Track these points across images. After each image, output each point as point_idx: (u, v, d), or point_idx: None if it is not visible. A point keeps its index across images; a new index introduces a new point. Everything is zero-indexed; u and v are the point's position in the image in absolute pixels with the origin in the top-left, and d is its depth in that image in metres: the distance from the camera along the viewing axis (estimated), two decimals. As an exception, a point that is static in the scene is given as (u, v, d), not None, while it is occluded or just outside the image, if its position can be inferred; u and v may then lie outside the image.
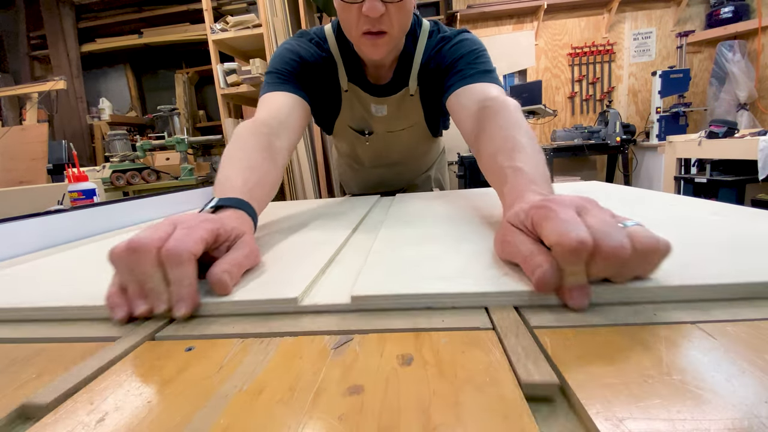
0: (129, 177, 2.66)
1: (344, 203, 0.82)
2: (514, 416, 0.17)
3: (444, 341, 0.25)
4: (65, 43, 4.13)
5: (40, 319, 0.33)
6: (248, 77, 2.52)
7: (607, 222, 0.26)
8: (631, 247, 0.24)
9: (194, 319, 0.31)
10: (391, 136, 0.87)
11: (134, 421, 0.19)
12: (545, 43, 3.99)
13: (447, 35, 0.74)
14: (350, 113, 0.82)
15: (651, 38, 3.89)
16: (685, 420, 0.16)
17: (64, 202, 1.20)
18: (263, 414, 0.19)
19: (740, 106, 3.40)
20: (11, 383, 0.23)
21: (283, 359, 0.24)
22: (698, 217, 0.47)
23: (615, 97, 4.01)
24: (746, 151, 2.15)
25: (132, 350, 0.27)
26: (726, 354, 0.21)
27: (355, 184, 1.16)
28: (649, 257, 0.26)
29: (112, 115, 4.42)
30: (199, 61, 4.51)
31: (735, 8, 3.47)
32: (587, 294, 0.26)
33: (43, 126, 2.87)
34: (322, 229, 0.55)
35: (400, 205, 0.71)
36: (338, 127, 0.88)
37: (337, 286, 0.33)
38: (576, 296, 0.26)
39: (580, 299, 0.26)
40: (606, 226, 0.25)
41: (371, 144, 0.88)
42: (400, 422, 0.18)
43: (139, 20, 4.23)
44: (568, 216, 0.26)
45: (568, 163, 3.93)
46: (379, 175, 1.08)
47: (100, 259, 0.34)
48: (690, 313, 0.26)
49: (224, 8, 3.80)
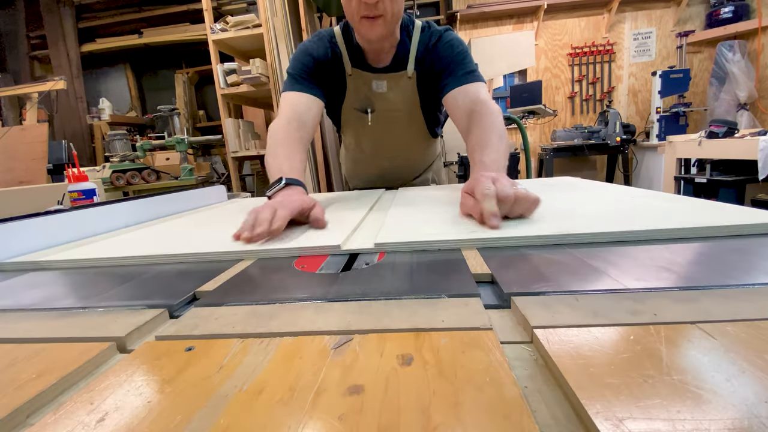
0: (129, 177, 2.66)
1: (356, 193, 0.99)
2: (514, 416, 0.17)
3: (444, 341, 0.25)
4: (65, 43, 4.13)
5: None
6: (248, 77, 2.52)
7: (505, 184, 0.50)
8: (514, 195, 0.49)
9: (194, 319, 0.31)
10: (390, 117, 0.97)
11: (134, 421, 0.19)
12: (545, 43, 3.99)
13: (438, 31, 0.89)
14: (354, 95, 0.95)
15: (651, 38, 3.89)
16: (685, 420, 0.16)
17: (64, 202, 1.20)
18: (263, 414, 0.19)
19: (740, 106, 3.40)
20: (11, 383, 0.23)
21: (283, 359, 0.24)
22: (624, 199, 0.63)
23: (615, 97, 4.02)
24: (746, 151, 2.15)
25: (132, 350, 0.27)
26: (726, 354, 0.21)
27: (359, 178, 1.22)
28: (524, 202, 0.50)
29: (112, 115, 4.43)
30: (199, 61, 4.51)
31: (735, 8, 3.47)
32: (498, 220, 0.48)
33: (43, 126, 2.87)
34: (344, 209, 0.73)
35: (404, 193, 0.88)
36: (345, 114, 1.00)
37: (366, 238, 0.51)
38: (492, 222, 0.47)
39: (493, 223, 0.47)
40: (503, 186, 0.49)
41: (373, 126, 0.98)
42: (400, 422, 0.18)
43: (139, 20, 4.23)
44: (486, 182, 0.50)
45: (568, 163, 3.93)
46: (380, 167, 1.14)
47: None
48: (690, 313, 0.26)
49: (224, 8, 3.80)
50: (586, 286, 0.31)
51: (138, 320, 0.31)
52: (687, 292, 0.29)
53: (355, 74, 0.91)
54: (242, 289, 0.37)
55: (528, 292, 0.31)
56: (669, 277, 0.32)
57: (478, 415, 0.18)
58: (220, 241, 0.53)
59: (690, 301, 0.27)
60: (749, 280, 0.30)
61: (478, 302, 0.30)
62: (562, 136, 3.52)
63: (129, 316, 0.32)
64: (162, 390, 0.22)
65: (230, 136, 2.74)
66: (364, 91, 0.93)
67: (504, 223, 0.49)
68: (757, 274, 0.31)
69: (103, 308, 0.35)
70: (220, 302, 0.34)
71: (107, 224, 0.74)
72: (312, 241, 0.48)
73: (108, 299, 0.37)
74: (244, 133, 2.84)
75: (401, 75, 0.90)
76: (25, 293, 0.41)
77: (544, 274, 0.34)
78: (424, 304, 0.30)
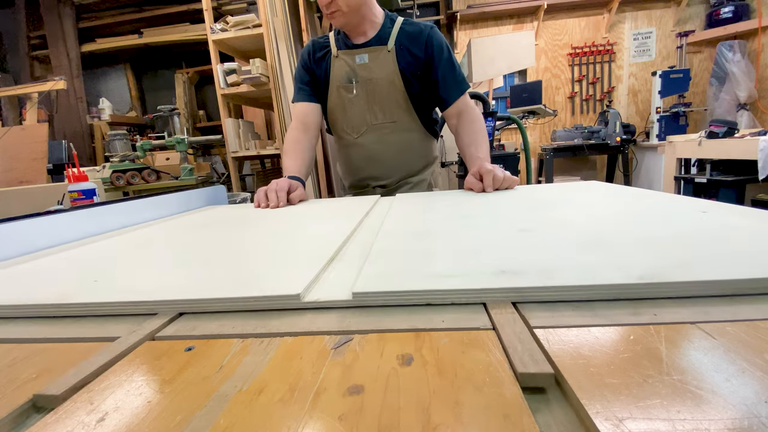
0: (129, 177, 2.66)
1: (345, 202, 0.87)
2: (514, 416, 0.17)
3: (444, 341, 0.25)
4: (65, 43, 4.13)
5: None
6: (248, 77, 2.52)
7: (497, 169, 0.83)
8: (502, 176, 0.82)
9: (194, 319, 0.31)
10: (373, 85, 1.09)
11: (134, 421, 0.19)
12: (545, 43, 3.99)
13: (421, 24, 1.07)
14: (339, 72, 1.10)
15: (651, 38, 3.89)
16: (685, 420, 0.16)
17: (64, 202, 1.20)
18: (263, 414, 0.19)
19: (740, 106, 3.40)
20: (11, 383, 0.23)
21: (283, 359, 0.24)
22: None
23: (615, 97, 4.01)
24: (746, 151, 2.15)
25: (132, 350, 0.27)
26: (726, 354, 0.21)
27: (352, 172, 1.22)
28: (509, 181, 0.83)
29: (112, 115, 4.42)
30: (199, 61, 4.51)
31: (735, 8, 3.47)
32: (491, 188, 0.81)
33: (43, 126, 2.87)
34: (321, 225, 0.61)
35: (402, 202, 0.75)
36: (332, 98, 1.13)
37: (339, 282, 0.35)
38: (488, 189, 0.81)
39: (489, 188, 0.81)
40: (496, 170, 0.82)
41: (358, 97, 1.10)
42: (400, 422, 0.18)
43: (139, 20, 4.23)
44: (487, 168, 0.83)
45: (568, 163, 3.93)
46: (371, 154, 1.15)
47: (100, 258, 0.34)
48: (690, 313, 0.26)
49: (224, 8, 3.80)
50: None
51: (138, 320, 0.31)
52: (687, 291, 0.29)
53: (341, 55, 1.09)
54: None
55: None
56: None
57: (478, 415, 0.18)
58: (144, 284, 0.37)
59: (690, 301, 0.27)
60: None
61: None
62: (562, 136, 3.52)
63: (129, 317, 0.33)
64: (162, 390, 0.22)
65: (230, 136, 2.74)
66: (349, 64, 1.09)
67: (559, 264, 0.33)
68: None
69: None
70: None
71: (107, 224, 0.74)
72: (261, 289, 0.32)
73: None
74: (244, 133, 2.84)
75: (381, 48, 1.06)
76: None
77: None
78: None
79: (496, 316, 0.27)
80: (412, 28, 1.06)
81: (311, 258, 0.40)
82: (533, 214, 0.53)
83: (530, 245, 0.39)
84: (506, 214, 0.56)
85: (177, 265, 0.43)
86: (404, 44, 1.05)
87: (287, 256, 0.43)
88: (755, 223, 0.41)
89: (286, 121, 2.61)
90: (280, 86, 2.56)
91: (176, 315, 0.32)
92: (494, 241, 0.41)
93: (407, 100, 1.10)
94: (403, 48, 1.05)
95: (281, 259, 0.42)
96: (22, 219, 0.61)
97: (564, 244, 0.38)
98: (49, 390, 0.22)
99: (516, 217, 0.53)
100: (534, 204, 0.62)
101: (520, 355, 0.22)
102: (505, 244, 0.40)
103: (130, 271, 0.42)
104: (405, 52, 1.06)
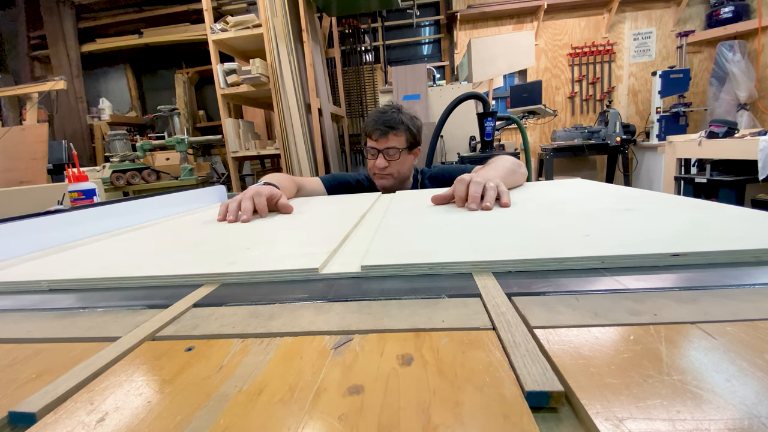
0: (129, 177, 2.67)
1: (348, 198, 0.93)
2: (514, 416, 0.17)
3: (444, 341, 0.25)
4: (65, 43, 4.13)
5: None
6: (248, 77, 2.52)
7: (488, 178, 0.65)
8: (497, 185, 0.64)
9: (194, 320, 0.31)
10: None
11: (134, 421, 0.19)
12: (545, 43, 3.99)
13: (445, 167, 1.28)
14: None
15: (651, 38, 3.89)
16: (685, 420, 0.16)
17: (64, 202, 1.20)
18: (263, 414, 0.19)
19: (740, 106, 3.40)
20: (11, 383, 0.23)
21: (283, 359, 0.24)
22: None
23: (615, 97, 4.02)
24: (746, 151, 2.15)
25: (132, 350, 0.27)
26: (726, 354, 0.21)
27: None
28: (500, 190, 0.64)
29: (112, 115, 4.43)
30: (199, 61, 4.51)
31: (735, 8, 3.47)
32: (479, 205, 0.61)
33: (43, 126, 2.87)
34: (329, 218, 0.69)
35: (401, 199, 0.79)
36: None
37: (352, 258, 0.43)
38: (472, 206, 0.61)
39: (474, 207, 0.60)
40: (486, 181, 0.64)
41: None
42: (400, 422, 0.18)
43: (139, 20, 4.24)
44: (476, 177, 0.65)
45: (568, 163, 3.93)
46: None
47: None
48: (690, 313, 0.26)
49: (224, 8, 3.80)
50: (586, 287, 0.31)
51: (138, 320, 0.31)
52: (687, 292, 0.29)
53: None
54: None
55: (529, 292, 0.31)
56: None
57: (478, 415, 0.18)
58: (186, 262, 0.45)
59: (690, 301, 0.27)
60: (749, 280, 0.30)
61: (477, 302, 0.30)
62: (562, 136, 3.52)
63: (129, 316, 0.33)
64: (162, 390, 0.22)
65: (230, 136, 2.74)
66: None
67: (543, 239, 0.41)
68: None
69: (102, 308, 0.35)
70: (220, 303, 0.34)
71: (107, 224, 0.74)
72: (284, 263, 0.40)
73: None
74: (244, 133, 2.84)
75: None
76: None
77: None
78: (424, 304, 0.30)
79: (496, 317, 0.27)
80: (435, 171, 1.22)
81: (324, 241, 0.49)
82: (520, 208, 0.59)
83: (511, 232, 0.47)
84: (499, 211, 0.59)
85: (205, 252, 0.49)
86: (428, 186, 1.21)
87: (302, 242, 0.50)
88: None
89: (286, 121, 2.62)
90: (280, 86, 2.56)
91: (218, 285, 0.38)
92: (483, 228, 0.50)
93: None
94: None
95: (297, 244, 0.50)
96: (21, 219, 0.61)
97: (535, 231, 0.46)
98: (48, 390, 0.22)
99: (506, 214, 0.59)
100: (525, 197, 0.64)
101: (522, 356, 0.22)
102: (491, 232, 0.48)
103: (168, 255, 0.49)
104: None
